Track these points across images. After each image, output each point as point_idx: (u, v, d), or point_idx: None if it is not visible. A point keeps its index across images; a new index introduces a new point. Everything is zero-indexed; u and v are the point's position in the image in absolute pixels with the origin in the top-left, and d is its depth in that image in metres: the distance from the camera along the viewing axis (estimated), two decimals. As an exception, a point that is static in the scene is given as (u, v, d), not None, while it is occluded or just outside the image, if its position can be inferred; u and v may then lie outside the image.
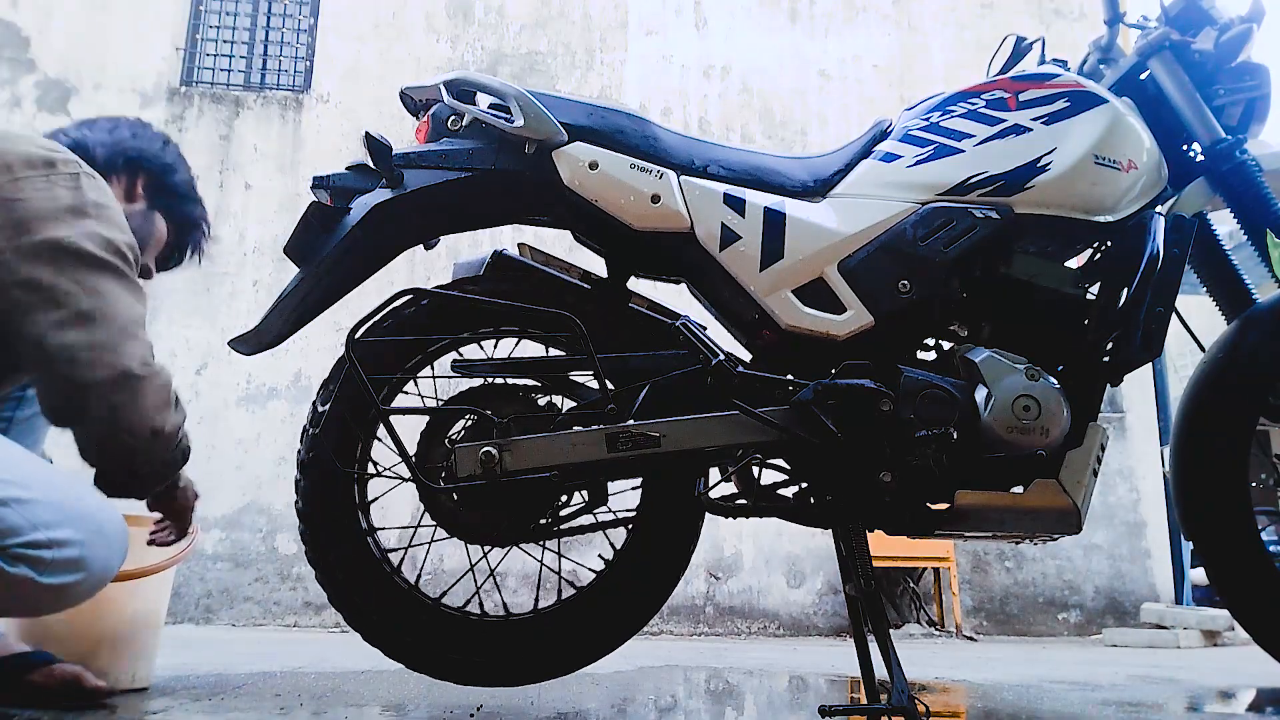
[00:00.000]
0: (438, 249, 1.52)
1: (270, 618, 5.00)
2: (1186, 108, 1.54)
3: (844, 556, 1.48)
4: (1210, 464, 1.55)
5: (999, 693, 2.02)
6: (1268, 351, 1.55)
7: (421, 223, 1.49)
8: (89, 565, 1.11)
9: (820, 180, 1.51)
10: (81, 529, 1.11)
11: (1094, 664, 3.10)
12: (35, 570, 1.06)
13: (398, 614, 1.45)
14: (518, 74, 6.00)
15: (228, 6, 6.19)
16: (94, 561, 1.12)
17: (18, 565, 1.05)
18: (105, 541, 1.15)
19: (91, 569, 1.12)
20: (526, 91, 1.43)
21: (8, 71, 5.71)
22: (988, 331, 1.48)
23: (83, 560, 1.10)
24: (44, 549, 1.06)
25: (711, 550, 5.28)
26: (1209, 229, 1.62)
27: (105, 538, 1.15)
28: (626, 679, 2.14)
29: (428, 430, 1.44)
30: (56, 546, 1.07)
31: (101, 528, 1.15)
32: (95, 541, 1.12)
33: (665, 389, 1.41)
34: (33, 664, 1.49)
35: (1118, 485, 5.72)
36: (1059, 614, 5.48)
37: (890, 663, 1.27)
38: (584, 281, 1.54)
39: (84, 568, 1.11)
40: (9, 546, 1.05)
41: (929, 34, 6.42)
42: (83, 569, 1.11)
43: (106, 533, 1.15)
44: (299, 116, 5.88)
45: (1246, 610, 1.56)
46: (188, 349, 5.35)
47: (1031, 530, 1.38)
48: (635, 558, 1.50)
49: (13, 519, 1.05)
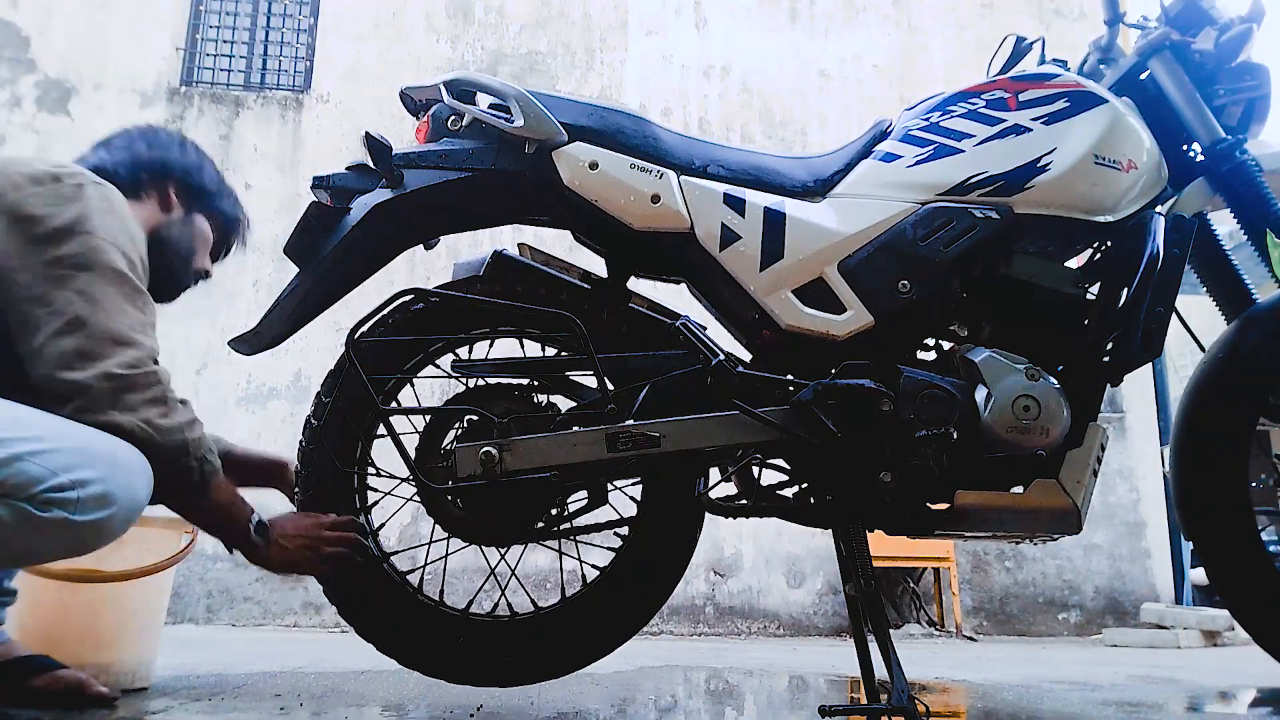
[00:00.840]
0: (438, 249, 1.52)
1: (270, 618, 5.00)
2: (1186, 108, 1.54)
3: (844, 556, 1.48)
4: (1210, 464, 1.55)
5: (999, 693, 2.02)
6: (1268, 351, 1.55)
7: (421, 223, 1.49)
8: (117, 498, 1.16)
9: (820, 180, 1.51)
10: (100, 466, 1.15)
11: (1094, 664, 3.10)
12: (69, 511, 1.11)
13: (398, 614, 1.45)
14: (518, 74, 6.00)
15: (228, 6, 6.19)
16: (120, 493, 1.16)
17: (50, 510, 1.10)
18: (125, 473, 1.19)
19: (120, 500, 1.16)
20: (526, 91, 1.43)
21: (8, 71, 5.71)
22: (988, 331, 1.47)
23: (109, 494, 1.15)
24: (69, 490, 1.11)
25: (711, 550, 5.28)
26: (1209, 229, 1.62)
27: (124, 469, 1.19)
28: (626, 679, 2.14)
29: (428, 430, 1.44)
30: (80, 486, 1.12)
31: (118, 460, 1.19)
32: (116, 475, 1.17)
33: (665, 389, 1.41)
34: (36, 669, 1.49)
35: (1118, 485, 5.72)
36: (1059, 614, 5.48)
37: (890, 663, 1.27)
38: (584, 281, 1.54)
39: (113, 501, 1.15)
40: (37, 494, 1.10)
41: (929, 34, 6.42)
42: (112, 502, 1.15)
43: (124, 464, 1.19)
44: (299, 116, 5.88)
45: (1246, 610, 1.56)
46: (188, 349, 5.35)
47: (1031, 530, 1.38)
48: (635, 558, 1.49)
49: (33, 470, 1.10)
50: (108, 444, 1.19)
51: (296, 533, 1.40)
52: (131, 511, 1.20)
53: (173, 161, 1.56)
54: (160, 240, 1.50)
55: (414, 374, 1.51)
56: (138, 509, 1.22)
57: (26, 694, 1.47)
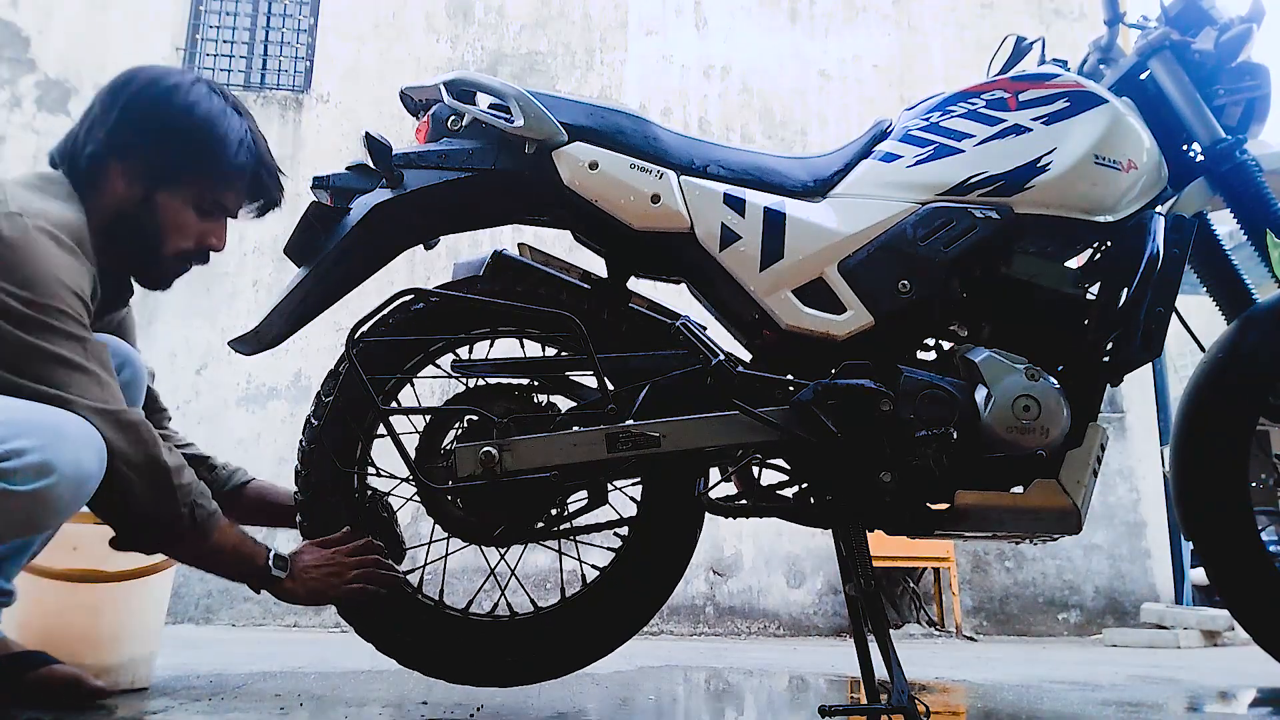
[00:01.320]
0: (438, 249, 1.52)
1: (270, 618, 5.00)
2: (1186, 108, 1.54)
3: (844, 556, 1.48)
4: (1210, 464, 1.55)
5: (999, 693, 2.02)
6: (1268, 351, 1.55)
7: (421, 223, 1.49)
8: (58, 467, 1.11)
9: (820, 180, 1.51)
10: (37, 435, 1.10)
11: (1094, 664, 3.10)
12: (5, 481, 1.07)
13: (399, 614, 1.45)
14: (518, 74, 6.00)
15: (228, 6, 6.19)
16: (62, 463, 1.11)
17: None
18: (68, 443, 1.13)
19: (62, 470, 1.11)
20: (526, 91, 1.43)
21: (8, 71, 5.72)
22: (988, 331, 1.48)
23: (48, 463, 1.10)
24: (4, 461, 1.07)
25: (711, 550, 5.28)
26: (1209, 229, 1.62)
27: (66, 439, 1.13)
28: (626, 679, 2.14)
29: (428, 430, 1.44)
30: (15, 456, 1.08)
31: (60, 430, 1.13)
32: (56, 444, 1.11)
33: (665, 389, 1.41)
34: (32, 664, 1.49)
35: (1118, 485, 5.72)
36: (1059, 614, 5.48)
37: (890, 663, 1.27)
38: (584, 281, 1.54)
39: (52, 469, 1.10)
40: None
41: (929, 34, 6.42)
42: (52, 471, 1.10)
43: (67, 434, 1.14)
44: (299, 116, 5.88)
45: (1246, 610, 1.56)
46: (188, 349, 5.35)
47: (1031, 530, 1.38)
48: (635, 558, 1.50)
49: None
50: (51, 415, 1.14)
51: (317, 562, 1.38)
52: (77, 483, 1.14)
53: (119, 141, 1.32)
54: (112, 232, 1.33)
55: (414, 374, 1.52)
56: (85, 480, 1.15)
57: (21, 690, 1.46)
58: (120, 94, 1.35)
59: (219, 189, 1.41)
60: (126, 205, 1.34)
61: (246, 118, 1.43)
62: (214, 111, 1.37)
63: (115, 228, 1.34)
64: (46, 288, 1.18)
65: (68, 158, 1.35)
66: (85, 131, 1.35)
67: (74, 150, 1.35)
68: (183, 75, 1.39)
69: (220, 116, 1.38)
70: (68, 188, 1.32)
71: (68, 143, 1.36)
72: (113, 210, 1.34)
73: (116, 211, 1.34)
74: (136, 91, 1.35)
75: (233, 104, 1.41)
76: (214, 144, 1.37)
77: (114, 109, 1.34)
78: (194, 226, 1.40)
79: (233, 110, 1.40)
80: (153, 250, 1.39)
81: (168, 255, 1.40)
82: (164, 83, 1.36)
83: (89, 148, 1.33)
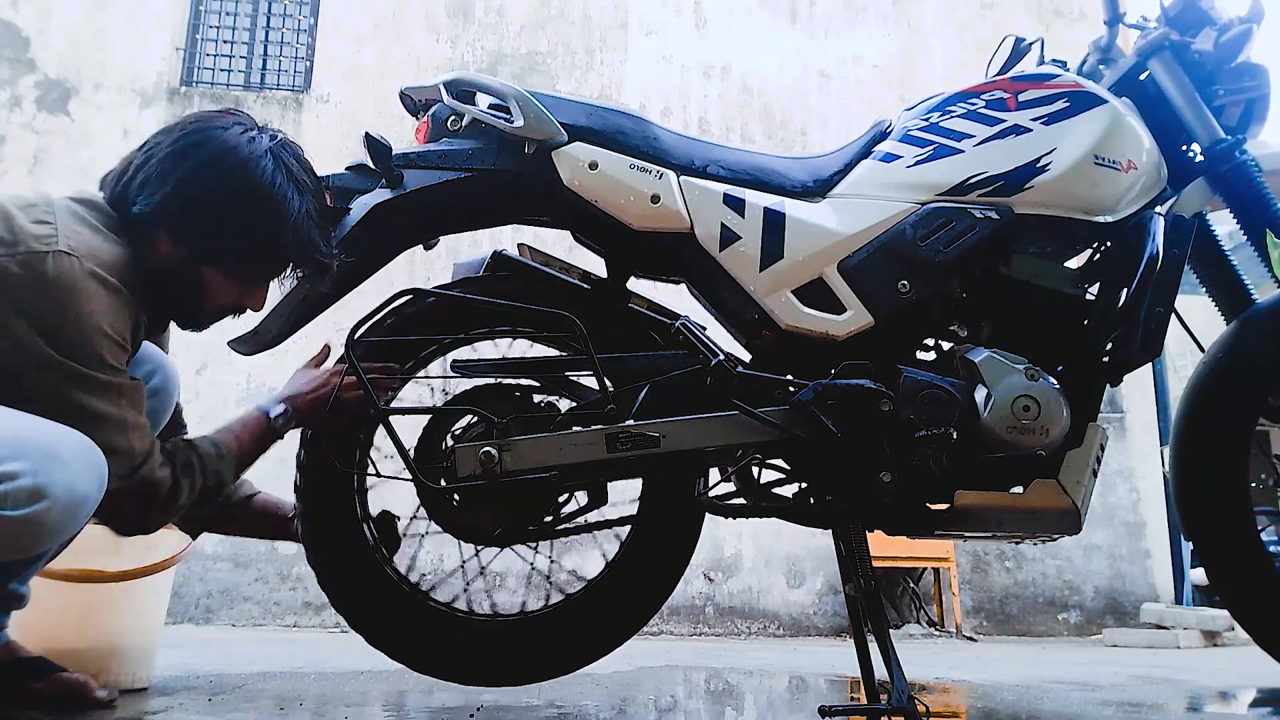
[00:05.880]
0: (438, 249, 1.52)
1: (270, 618, 5.00)
2: (1186, 108, 1.54)
3: (844, 556, 1.48)
4: (1210, 464, 1.55)
5: (999, 693, 2.02)
6: (1268, 351, 1.55)
7: (421, 223, 1.49)
8: (50, 491, 1.09)
9: (820, 180, 1.51)
10: (29, 458, 1.08)
11: (1094, 664, 3.10)
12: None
13: (399, 615, 1.45)
14: (518, 74, 6.00)
15: (228, 6, 6.19)
16: (55, 486, 1.09)
17: None
18: (62, 464, 1.11)
19: (55, 494, 1.09)
20: (526, 92, 1.43)
21: (8, 71, 5.71)
22: (988, 331, 1.48)
23: (41, 487, 1.08)
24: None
25: (711, 550, 5.28)
26: (1209, 229, 1.62)
27: (59, 460, 1.11)
28: (626, 679, 2.14)
29: (428, 430, 1.44)
30: (8, 480, 1.06)
31: (53, 452, 1.11)
32: (49, 466, 1.09)
33: (665, 389, 1.41)
34: (37, 672, 1.49)
35: (1118, 485, 5.71)
36: (1059, 614, 5.48)
37: (890, 663, 1.27)
38: (584, 281, 1.54)
39: (46, 494, 1.08)
40: None
41: (929, 34, 6.42)
42: (45, 496, 1.08)
43: (61, 456, 1.11)
44: (299, 116, 5.88)
45: (1246, 610, 1.56)
46: (188, 349, 5.34)
47: (1031, 530, 1.38)
48: (635, 558, 1.49)
49: None
50: (47, 434, 1.12)
51: (309, 389, 1.49)
52: (73, 507, 1.12)
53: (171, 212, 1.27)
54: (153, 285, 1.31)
55: (413, 374, 1.51)
56: (81, 503, 1.14)
57: (27, 697, 1.46)
58: (183, 161, 1.28)
59: (265, 270, 1.39)
60: (170, 267, 1.31)
61: (307, 195, 1.35)
62: (275, 196, 1.30)
63: (156, 283, 1.31)
64: (84, 335, 1.17)
65: (118, 197, 1.30)
66: (139, 182, 1.28)
67: (125, 194, 1.29)
68: (252, 146, 1.30)
69: (281, 203, 1.30)
70: (116, 221, 1.29)
71: (119, 182, 1.30)
72: (155, 266, 1.30)
73: (159, 269, 1.30)
74: (200, 165, 1.27)
75: (295, 180, 1.33)
76: (267, 235, 1.32)
77: (173, 175, 1.27)
78: (234, 291, 1.39)
79: (294, 190, 1.32)
80: (192, 308, 1.39)
81: (205, 311, 1.40)
82: (229, 159, 1.28)
83: (139, 205, 1.27)
